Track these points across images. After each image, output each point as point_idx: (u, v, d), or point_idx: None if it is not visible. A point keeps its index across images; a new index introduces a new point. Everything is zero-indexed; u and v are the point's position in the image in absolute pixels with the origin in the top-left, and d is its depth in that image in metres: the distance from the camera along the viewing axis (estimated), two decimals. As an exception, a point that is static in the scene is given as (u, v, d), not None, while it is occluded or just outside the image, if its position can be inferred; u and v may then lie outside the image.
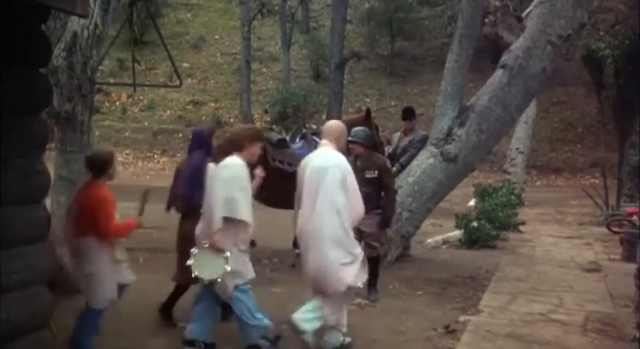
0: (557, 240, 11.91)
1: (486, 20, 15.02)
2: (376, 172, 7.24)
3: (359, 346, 5.77)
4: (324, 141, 5.76)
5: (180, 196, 6.20)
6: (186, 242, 5.71)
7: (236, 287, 5.29)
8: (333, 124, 6.04)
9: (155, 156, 25.05)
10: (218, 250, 5.16)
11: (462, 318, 6.66)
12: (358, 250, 5.53)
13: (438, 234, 11.44)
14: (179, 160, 23.83)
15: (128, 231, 5.36)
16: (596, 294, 7.83)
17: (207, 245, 5.23)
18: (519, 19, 14.72)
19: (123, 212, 5.50)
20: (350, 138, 7.08)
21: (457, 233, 11.33)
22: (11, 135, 3.87)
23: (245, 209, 5.22)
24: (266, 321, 5.36)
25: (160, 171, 23.17)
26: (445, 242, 11.09)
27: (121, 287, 5.43)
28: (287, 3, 29.12)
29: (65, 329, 5.31)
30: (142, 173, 22.69)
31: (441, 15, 31.73)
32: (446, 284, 8.16)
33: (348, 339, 5.56)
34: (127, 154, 24.70)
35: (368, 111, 8.97)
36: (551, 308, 7.13)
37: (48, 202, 5.23)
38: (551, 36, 9.01)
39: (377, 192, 7.24)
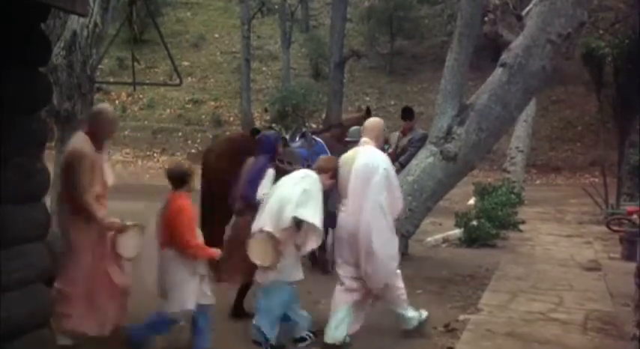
0: (557, 239, 11.92)
1: (486, 19, 15.04)
2: None
3: (358, 345, 5.78)
4: (364, 139, 5.94)
5: (241, 196, 6.26)
6: (236, 239, 5.91)
7: (274, 282, 5.46)
8: (373, 122, 6.26)
9: (155, 154, 25.04)
10: (276, 241, 5.36)
11: (461, 317, 6.67)
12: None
13: (438, 233, 11.44)
14: (177, 159, 23.92)
15: (205, 255, 5.31)
16: (595, 293, 7.83)
17: (263, 233, 5.40)
18: (519, 18, 14.74)
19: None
20: (348, 138, 7.11)
21: (457, 231, 11.33)
22: (11, 133, 3.87)
23: (315, 213, 5.37)
24: (274, 332, 5.52)
25: (159, 169, 23.15)
26: (445, 240, 11.10)
27: (200, 308, 5.36)
28: (287, 1, 29.11)
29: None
30: (141, 172, 22.70)
31: (441, 13, 31.73)
32: (446, 283, 8.17)
33: (424, 313, 6.11)
34: (127, 153, 24.70)
35: (368, 110, 8.97)
36: (551, 306, 7.13)
37: (48, 201, 5.23)
38: (551, 34, 9.01)
39: None
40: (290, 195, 5.40)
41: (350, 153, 5.92)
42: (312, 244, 5.52)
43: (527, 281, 8.30)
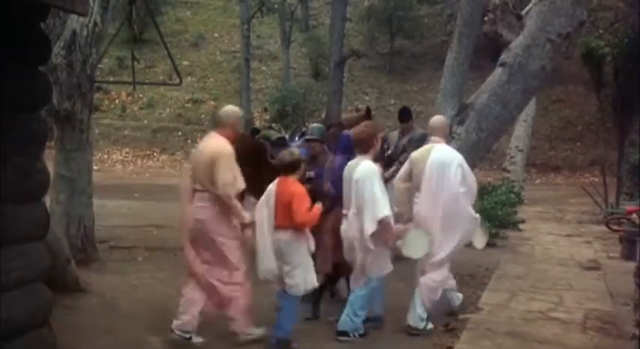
0: (557, 238, 11.92)
1: (486, 18, 15.01)
2: None
3: (359, 342, 5.79)
4: (434, 138, 6.34)
5: (326, 194, 6.39)
6: (329, 233, 6.21)
7: (372, 279, 5.87)
8: (440, 120, 6.68)
9: (154, 154, 25.04)
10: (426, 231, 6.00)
11: (461, 316, 6.66)
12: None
13: (438, 232, 11.42)
14: (177, 158, 23.94)
15: (316, 216, 5.62)
16: (595, 292, 7.83)
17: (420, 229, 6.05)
18: (519, 17, 14.70)
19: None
20: (307, 136, 7.12)
21: (456, 231, 11.31)
22: (11, 133, 3.87)
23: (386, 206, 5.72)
24: (360, 319, 5.87)
25: (159, 169, 23.19)
26: (444, 240, 11.07)
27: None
28: (286, 1, 29.11)
29: (64, 328, 5.31)
30: (141, 171, 22.70)
31: (441, 13, 31.73)
32: (445, 283, 8.15)
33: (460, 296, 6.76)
34: (127, 152, 24.71)
35: (368, 110, 8.95)
36: (551, 306, 7.13)
37: (47, 200, 5.23)
38: (550, 34, 9.01)
39: None
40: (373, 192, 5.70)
41: (423, 150, 6.31)
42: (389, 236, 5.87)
43: (527, 281, 8.29)
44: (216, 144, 5.60)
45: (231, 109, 6.04)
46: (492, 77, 9.34)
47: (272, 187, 5.65)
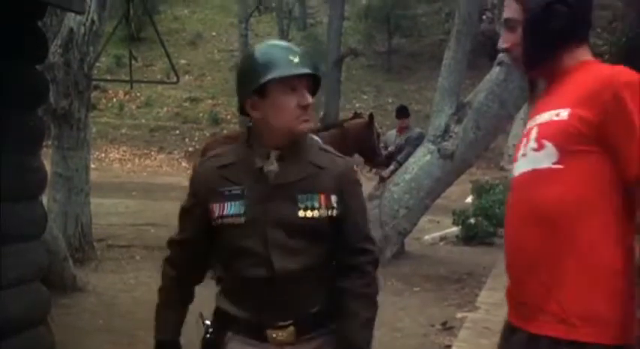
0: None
1: (484, 17, 15.06)
2: None
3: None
4: None
5: None
6: None
7: None
8: None
9: (152, 153, 25.01)
10: None
11: (459, 315, 6.67)
12: None
13: (435, 231, 11.45)
14: (175, 156, 23.92)
15: None
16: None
17: None
18: (517, 16, 14.71)
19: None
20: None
21: (454, 229, 11.34)
22: (8, 131, 3.86)
23: None
24: None
25: (157, 168, 23.16)
26: (442, 238, 11.10)
27: None
28: (284, 0, 29.08)
29: (62, 327, 5.31)
30: (138, 170, 22.68)
31: (439, 12, 31.72)
32: (443, 281, 8.17)
33: None
34: (124, 151, 24.66)
35: (371, 117, 8.92)
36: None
37: (45, 199, 5.22)
38: (548, 33, 9.00)
39: None
40: None
41: None
42: None
43: (525, 279, 8.30)
44: None
45: None
46: (490, 76, 9.35)
47: None
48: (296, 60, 2.10)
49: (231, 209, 2.12)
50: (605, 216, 1.84)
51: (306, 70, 2.12)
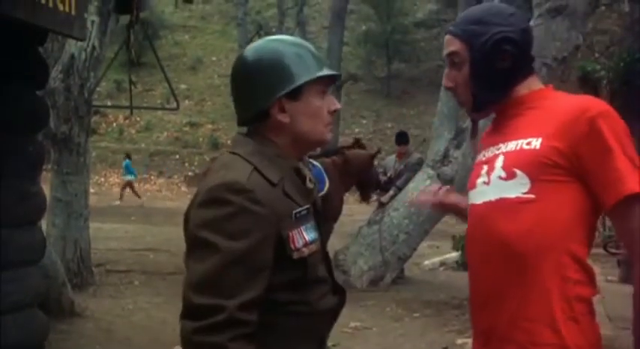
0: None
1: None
2: None
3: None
4: None
5: None
6: None
7: None
8: None
9: (152, 177, 25.04)
10: None
11: (459, 341, 6.62)
12: None
13: (435, 256, 11.41)
14: (175, 181, 23.90)
15: None
16: (594, 316, 7.79)
17: None
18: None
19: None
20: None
21: (454, 255, 11.29)
22: (7, 156, 3.86)
23: None
24: None
25: (156, 192, 23.17)
26: (442, 264, 11.06)
27: None
28: (284, 25, 29.30)
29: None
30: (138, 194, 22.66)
31: (437, 37, 31.95)
32: (443, 307, 8.12)
33: None
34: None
35: (377, 152, 8.83)
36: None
37: (43, 224, 5.21)
38: (546, 58, 9.04)
39: None
40: None
41: None
42: None
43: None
44: None
45: None
46: (489, 101, 9.37)
47: None
48: (325, 60, 1.89)
49: (310, 234, 1.75)
50: (573, 245, 1.87)
51: (337, 72, 1.90)
